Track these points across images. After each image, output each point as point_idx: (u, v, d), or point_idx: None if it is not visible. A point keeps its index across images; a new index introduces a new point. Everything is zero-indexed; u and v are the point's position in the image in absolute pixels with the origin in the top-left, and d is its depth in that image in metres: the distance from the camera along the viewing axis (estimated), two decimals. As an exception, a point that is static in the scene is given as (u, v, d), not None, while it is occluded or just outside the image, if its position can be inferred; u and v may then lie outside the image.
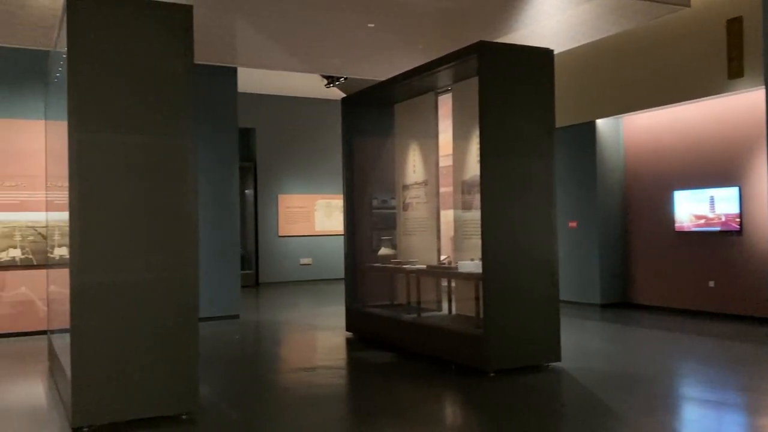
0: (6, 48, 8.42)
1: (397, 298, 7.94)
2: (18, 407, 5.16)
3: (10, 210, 8.43)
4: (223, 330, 8.69)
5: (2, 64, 8.55)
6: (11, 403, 5.29)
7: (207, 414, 4.77)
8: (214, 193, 9.51)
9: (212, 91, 9.51)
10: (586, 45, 9.37)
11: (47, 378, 6.05)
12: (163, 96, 4.64)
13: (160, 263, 4.56)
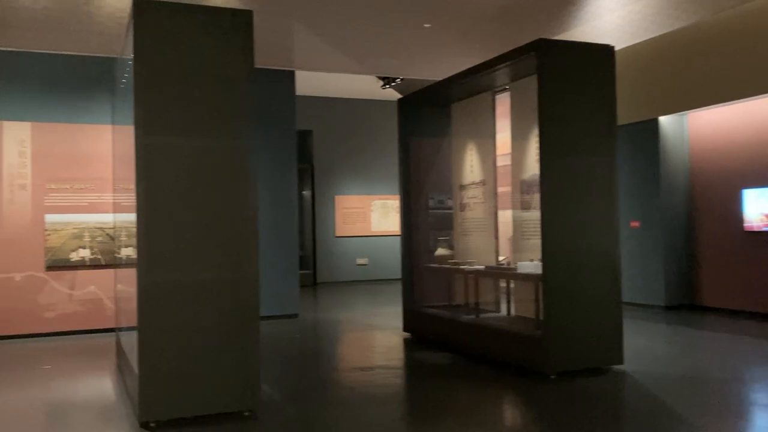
0: (75, 56, 8.77)
1: (455, 299, 7.90)
2: (88, 402, 5.36)
3: (80, 212, 8.76)
4: (283, 329, 8.82)
5: (72, 71, 8.91)
6: (82, 398, 5.50)
7: (268, 411, 4.84)
8: (273, 194, 9.67)
9: (271, 94, 9.67)
10: (648, 40, 9.13)
11: (115, 374, 6.26)
12: (224, 100, 4.74)
13: (222, 263, 4.66)
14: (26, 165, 8.60)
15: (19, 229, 8.51)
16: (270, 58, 9.12)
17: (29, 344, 8.07)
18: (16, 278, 8.48)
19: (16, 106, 8.64)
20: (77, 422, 4.80)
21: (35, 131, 8.65)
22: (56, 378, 6.26)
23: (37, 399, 5.52)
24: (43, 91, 8.81)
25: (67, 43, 8.24)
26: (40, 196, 8.62)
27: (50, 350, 7.72)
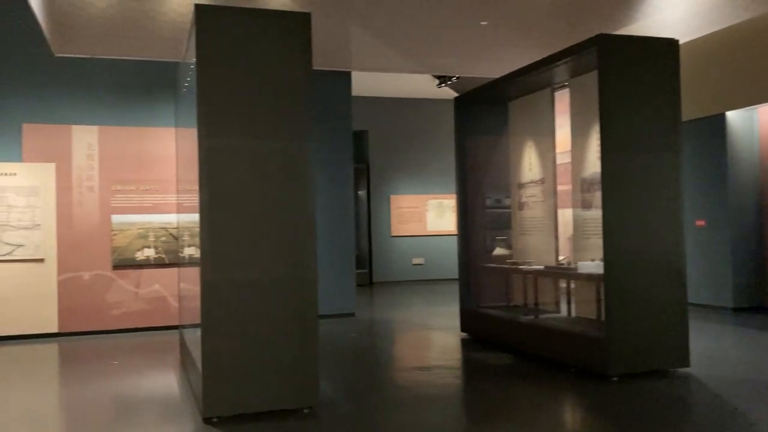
0: (140, 61, 9.04)
1: (513, 299, 7.81)
2: (153, 397, 5.52)
3: (145, 212, 9.04)
4: (340, 328, 8.89)
5: (136, 76, 9.20)
6: (147, 393, 5.67)
7: (327, 409, 4.89)
8: (330, 194, 9.75)
9: (327, 95, 9.75)
10: (715, 32, 8.81)
11: (179, 370, 6.43)
12: (283, 101, 4.81)
13: (282, 262, 4.73)
14: (94, 167, 8.92)
15: (87, 229, 8.83)
16: (326, 59, 9.20)
17: (97, 341, 8.36)
18: (84, 277, 8.80)
19: (84, 111, 8.97)
20: (143, 416, 4.95)
21: (102, 135, 8.96)
22: (123, 373, 6.46)
23: (105, 393, 5.71)
24: (110, 96, 9.12)
25: (132, 49, 8.50)
26: (107, 197, 8.92)
27: (117, 347, 7.98)
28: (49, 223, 8.65)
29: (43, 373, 6.86)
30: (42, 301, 8.58)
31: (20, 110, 8.70)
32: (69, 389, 6.15)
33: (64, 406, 5.56)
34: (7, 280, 8.44)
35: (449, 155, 9.74)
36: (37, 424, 4.91)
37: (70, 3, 6.86)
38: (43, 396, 5.86)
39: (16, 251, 8.51)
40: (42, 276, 8.60)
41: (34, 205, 8.61)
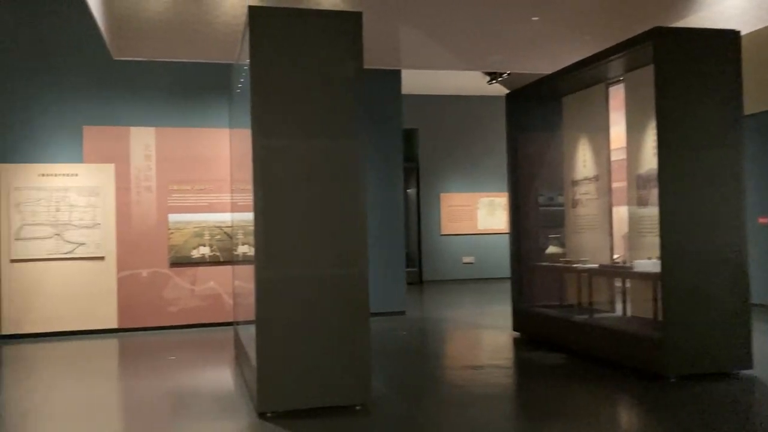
0: (194, 63, 9.24)
1: (566, 298, 7.69)
2: (209, 391, 5.64)
3: (200, 211, 9.24)
4: (390, 326, 8.91)
5: (191, 78, 9.40)
6: (203, 388, 5.79)
7: (379, 406, 4.91)
8: (380, 193, 9.78)
9: (377, 93, 9.78)
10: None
11: (234, 366, 6.55)
12: (335, 101, 4.84)
13: (334, 260, 4.77)
14: (151, 168, 9.16)
15: (145, 228, 9.09)
16: (377, 58, 9.22)
17: (155, 336, 8.59)
18: (143, 274, 9.05)
19: (142, 113, 9.22)
20: (199, 410, 5.06)
21: (159, 136, 9.20)
22: (180, 368, 6.63)
23: (162, 387, 5.87)
24: (166, 98, 9.35)
25: (187, 51, 8.69)
26: (163, 197, 9.16)
27: (174, 342, 8.19)
28: (109, 222, 8.93)
29: (104, 368, 7.09)
30: (102, 297, 8.86)
31: (81, 113, 9.00)
32: (128, 383, 6.34)
33: (124, 399, 5.74)
34: (70, 278, 8.74)
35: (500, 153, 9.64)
36: (98, 416, 5.08)
37: (127, 7, 7.06)
38: (104, 389, 6.06)
39: (78, 249, 8.82)
40: (102, 273, 8.89)
41: (95, 204, 8.90)
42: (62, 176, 8.81)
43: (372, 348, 4.93)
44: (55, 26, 8.99)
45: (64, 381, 6.33)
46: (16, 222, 8.63)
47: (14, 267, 8.61)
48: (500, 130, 8.77)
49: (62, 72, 8.99)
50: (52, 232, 8.75)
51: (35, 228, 8.70)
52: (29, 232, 8.68)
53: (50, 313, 8.67)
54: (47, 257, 8.70)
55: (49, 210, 8.76)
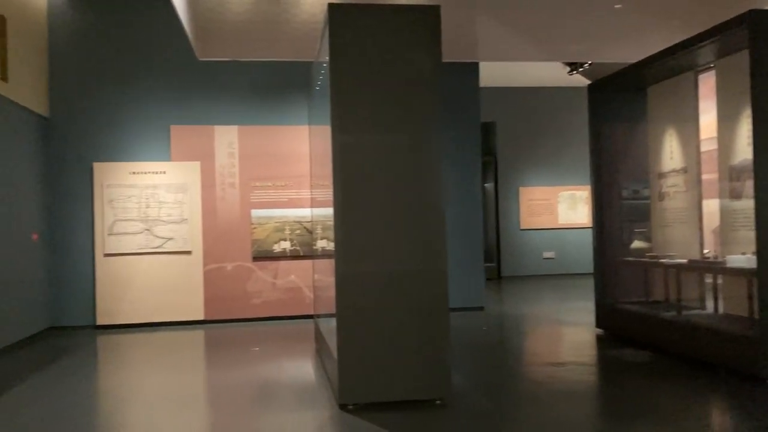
0: (274, 62, 9.45)
1: (653, 295, 7.43)
2: (291, 382, 5.76)
3: (281, 207, 9.46)
4: (470, 321, 8.85)
5: (271, 77, 9.62)
6: (285, 379, 5.93)
7: (459, 401, 4.89)
8: (458, 187, 9.72)
9: (455, 87, 9.72)
10: None
11: (314, 357, 6.67)
12: (414, 96, 4.84)
13: (413, 255, 4.78)
14: (234, 165, 9.44)
15: (229, 223, 9.38)
16: (454, 51, 9.15)
17: (239, 328, 8.86)
18: (227, 268, 9.35)
19: (225, 112, 9.52)
20: (282, 401, 5.18)
21: (241, 134, 9.47)
22: (263, 359, 6.80)
23: (246, 378, 6.04)
24: (248, 97, 9.61)
25: (267, 51, 8.89)
26: (246, 193, 9.43)
27: (257, 334, 8.41)
28: (195, 218, 9.26)
29: (191, 358, 7.37)
30: (189, 290, 9.21)
31: (168, 113, 9.37)
32: (214, 373, 6.56)
33: (210, 389, 5.94)
34: (159, 271, 9.13)
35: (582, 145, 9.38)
36: (185, 404, 5.28)
37: (210, 9, 7.29)
38: (192, 379, 6.29)
39: (167, 244, 9.19)
40: (189, 267, 9.23)
41: (182, 201, 9.24)
42: (151, 174, 9.19)
43: (451, 343, 4.91)
44: (143, 30, 9.39)
45: (154, 370, 6.62)
46: (109, 218, 9.08)
47: (107, 261, 9.06)
48: (581, 122, 8.54)
49: (151, 74, 9.39)
50: (143, 228, 9.15)
51: (126, 223, 9.13)
52: (121, 227, 9.11)
53: (141, 305, 9.09)
54: (138, 251, 9.10)
55: (140, 206, 9.16)
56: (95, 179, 9.08)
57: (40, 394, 5.57)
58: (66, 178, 9.14)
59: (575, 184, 15.10)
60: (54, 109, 9.17)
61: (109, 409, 5.30)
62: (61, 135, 9.16)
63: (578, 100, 13.60)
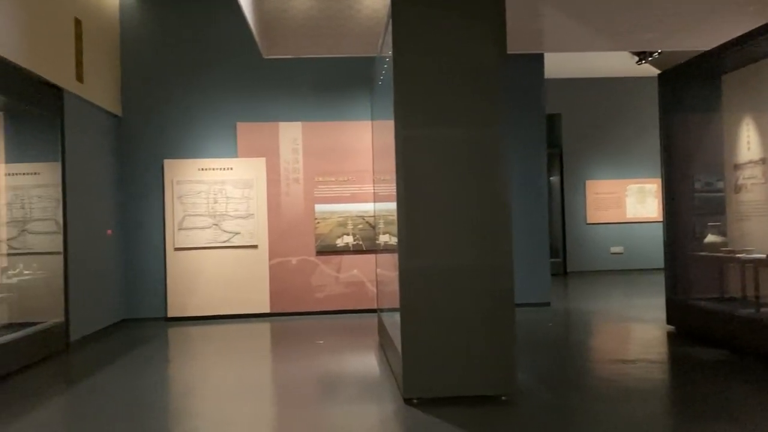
0: (336, 58, 9.52)
1: (728, 291, 7.14)
2: (355, 375, 5.81)
3: (344, 202, 9.54)
4: (535, 317, 8.72)
5: (334, 73, 9.70)
6: (349, 372, 5.98)
7: (525, 397, 4.82)
8: (523, 181, 9.58)
9: (519, 79, 9.57)
10: None
11: (378, 351, 6.70)
12: (478, 89, 4.78)
13: (478, 249, 4.73)
14: (298, 161, 9.57)
15: (293, 218, 9.52)
16: (519, 42, 8.99)
17: (303, 321, 8.98)
18: (292, 262, 9.49)
19: (289, 109, 9.65)
20: (347, 394, 5.22)
21: (305, 130, 9.59)
22: (327, 352, 6.88)
23: (311, 370, 6.12)
24: (311, 93, 9.73)
25: (331, 47, 8.96)
26: (310, 188, 9.55)
27: (321, 327, 8.51)
28: (261, 213, 9.44)
29: (257, 350, 7.52)
30: (256, 284, 9.39)
31: (234, 110, 9.58)
32: (280, 365, 6.67)
33: (276, 380, 6.05)
34: (226, 265, 9.35)
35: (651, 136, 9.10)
36: (252, 394, 5.39)
37: (275, 8, 7.40)
38: (258, 370, 6.42)
39: (234, 239, 9.40)
40: (255, 261, 9.42)
41: (248, 196, 9.43)
42: (219, 170, 9.42)
43: (517, 339, 4.84)
44: (211, 29, 9.62)
45: (222, 361, 6.78)
46: (179, 213, 9.35)
47: (177, 255, 9.33)
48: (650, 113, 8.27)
49: (218, 72, 9.61)
50: (211, 223, 9.38)
51: (195, 219, 9.38)
52: (190, 222, 9.37)
53: (209, 298, 9.33)
54: (206, 246, 9.35)
55: (208, 202, 9.40)
56: (166, 176, 9.37)
57: (116, 381, 5.80)
58: (138, 175, 9.46)
59: (644, 176, 14.66)
60: (126, 108, 9.50)
61: (181, 397, 5.47)
62: (134, 133, 9.49)
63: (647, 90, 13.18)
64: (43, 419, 4.79)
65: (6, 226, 7.21)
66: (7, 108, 7.04)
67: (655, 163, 7.95)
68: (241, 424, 4.52)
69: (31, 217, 7.35)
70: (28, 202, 7.37)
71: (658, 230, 7.88)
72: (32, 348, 6.59)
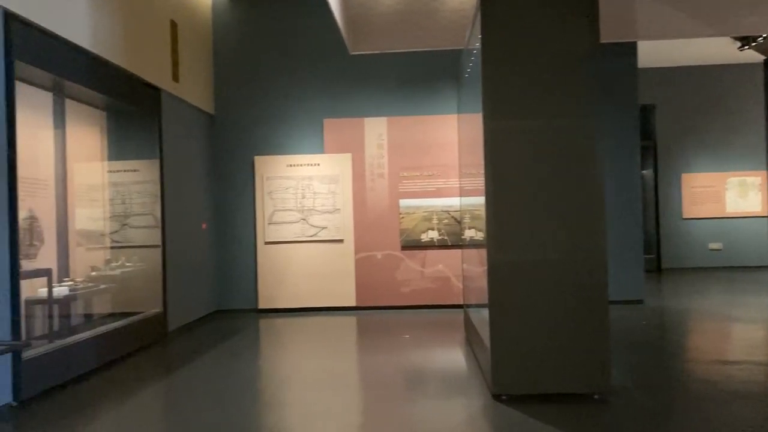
0: (421, 52, 9.49)
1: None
2: (442, 370, 5.78)
3: (429, 196, 9.51)
4: (628, 315, 8.42)
5: (420, 67, 9.68)
6: (436, 367, 5.95)
7: (619, 397, 4.66)
8: (615, 174, 9.27)
9: (611, 69, 9.26)
10: None
11: (465, 346, 6.65)
12: (569, 79, 4.65)
13: (570, 244, 4.61)
14: (383, 156, 9.61)
15: (378, 213, 9.58)
16: (611, 31, 8.70)
17: (389, 315, 9.03)
18: (377, 256, 9.55)
19: (375, 104, 9.71)
20: (434, 388, 5.21)
21: (390, 125, 9.62)
22: (414, 346, 6.88)
23: (398, 364, 6.14)
24: (396, 88, 9.75)
25: (416, 41, 8.94)
26: (395, 183, 9.58)
27: (406, 321, 8.53)
28: (347, 208, 9.55)
29: (345, 342, 7.61)
30: (342, 277, 9.52)
31: (321, 107, 9.73)
32: (367, 358, 6.73)
33: (363, 373, 6.10)
34: (314, 259, 9.52)
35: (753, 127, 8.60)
36: (340, 386, 5.46)
37: (362, 4, 7.45)
38: (346, 362, 6.50)
39: (321, 233, 9.55)
40: (342, 255, 9.54)
41: (335, 191, 9.57)
42: (306, 166, 9.59)
43: (611, 336, 4.69)
44: (298, 28, 9.80)
45: (311, 352, 6.91)
46: (269, 208, 9.59)
47: (267, 249, 9.58)
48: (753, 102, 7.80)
49: (305, 70, 9.79)
50: (299, 217, 9.58)
51: (284, 213, 9.60)
52: (279, 217, 9.59)
53: (297, 291, 9.53)
54: (294, 240, 9.55)
55: (296, 197, 9.60)
56: (256, 172, 9.63)
57: (210, 370, 6.02)
58: (230, 171, 9.78)
59: (746, 169, 13.86)
60: (218, 106, 9.82)
61: (271, 387, 5.61)
62: (226, 131, 9.81)
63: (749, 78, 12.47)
64: (146, 403, 5.03)
65: (109, 221, 7.61)
66: (110, 108, 7.41)
67: (759, 155, 7.50)
68: (329, 415, 4.59)
69: (131, 212, 7.72)
70: (128, 197, 7.74)
71: (763, 225, 7.43)
72: (134, 337, 6.93)
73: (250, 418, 4.60)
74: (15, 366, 4.92)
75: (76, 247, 7.05)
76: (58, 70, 5.79)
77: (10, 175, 4.92)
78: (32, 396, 5.08)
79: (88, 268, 7.14)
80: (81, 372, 5.83)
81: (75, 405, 4.97)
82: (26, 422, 4.59)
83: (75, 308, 6.74)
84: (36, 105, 6.30)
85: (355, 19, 7.94)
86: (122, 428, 4.41)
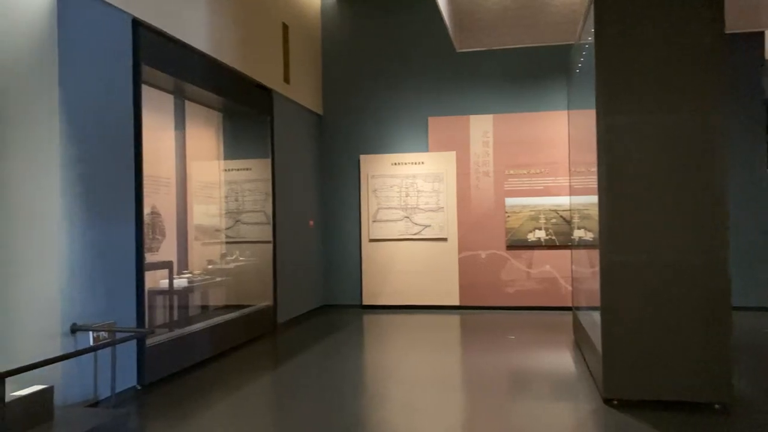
0: (528, 49, 9.30)
1: None
2: (550, 372, 5.65)
3: (536, 195, 9.31)
4: (753, 321, 7.90)
5: (526, 63, 9.50)
6: (544, 369, 5.83)
7: (743, 407, 4.39)
8: (739, 172, 8.72)
9: (736, 61, 8.72)
10: None
11: (573, 349, 6.46)
12: (693, 72, 4.43)
13: (690, 245, 4.38)
14: (488, 153, 9.51)
15: (483, 211, 9.48)
16: (735, 20, 8.20)
17: (493, 315, 8.92)
18: (482, 255, 9.46)
19: (480, 101, 9.62)
20: (542, 391, 5.10)
21: (496, 122, 9.50)
22: (519, 348, 6.77)
23: (503, 364, 6.06)
24: (502, 85, 9.61)
25: (524, 37, 8.78)
26: (500, 181, 9.44)
27: (511, 322, 8.40)
28: (451, 206, 9.52)
29: (448, 341, 7.59)
30: (445, 276, 9.50)
31: (426, 105, 9.75)
32: (471, 357, 6.68)
33: (467, 372, 6.06)
34: (417, 256, 9.55)
35: None
36: (442, 384, 5.45)
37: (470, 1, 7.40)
38: (449, 361, 6.48)
39: (424, 231, 9.57)
40: (445, 254, 9.52)
41: (438, 190, 9.56)
42: (411, 164, 9.64)
43: (734, 344, 4.42)
44: (404, 27, 9.87)
45: (413, 349, 6.94)
46: (373, 206, 9.72)
47: (372, 246, 9.71)
48: None
49: (410, 69, 9.84)
50: (403, 215, 9.64)
51: (388, 211, 9.69)
52: (383, 215, 9.70)
53: (401, 288, 9.60)
54: (398, 238, 9.62)
55: (400, 195, 9.67)
56: (362, 170, 9.79)
57: (316, 363, 6.18)
58: (337, 169, 9.99)
59: None
60: (326, 106, 10.06)
61: (374, 382, 5.68)
62: (333, 130, 10.03)
63: None
64: (256, 393, 5.22)
65: (224, 217, 7.97)
66: (225, 109, 7.76)
67: None
68: (433, 413, 4.60)
69: (244, 209, 8.04)
70: (241, 195, 8.07)
71: None
72: (245, 328, 7.22)
73: (355, 412, 4.68)
74: (140, 352, 5.24)
75: (193, 241, 7.43)
76: (179, 73, 6.12)
77: (137, 173, 5.25)
78: (153, 381, 5.39)
79: (205, 261, 7.50)
80: (197, 360, 6.13)
81: (191, 392, 5.24)
82: (149, 405, 4.89)
83: (192, 299, 7.11)
84: (159, 107, 6.68)
85: (462, 16, 7.90)
86: (234, 417, 4.61)
